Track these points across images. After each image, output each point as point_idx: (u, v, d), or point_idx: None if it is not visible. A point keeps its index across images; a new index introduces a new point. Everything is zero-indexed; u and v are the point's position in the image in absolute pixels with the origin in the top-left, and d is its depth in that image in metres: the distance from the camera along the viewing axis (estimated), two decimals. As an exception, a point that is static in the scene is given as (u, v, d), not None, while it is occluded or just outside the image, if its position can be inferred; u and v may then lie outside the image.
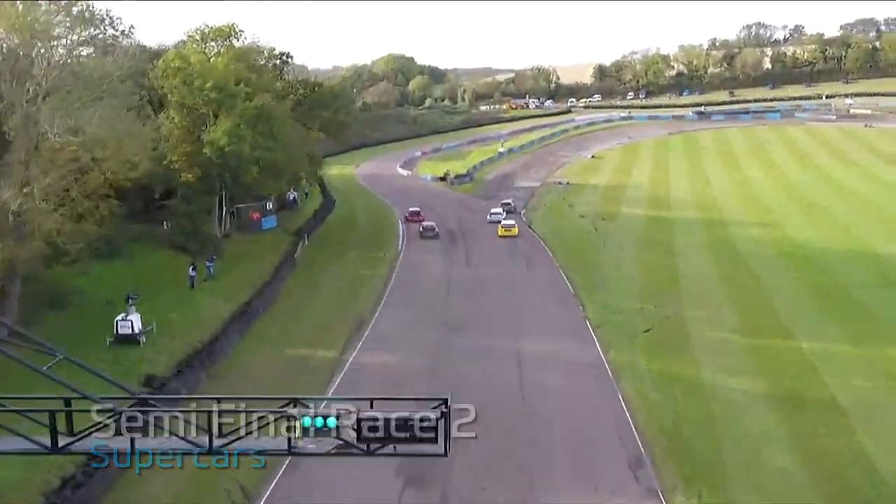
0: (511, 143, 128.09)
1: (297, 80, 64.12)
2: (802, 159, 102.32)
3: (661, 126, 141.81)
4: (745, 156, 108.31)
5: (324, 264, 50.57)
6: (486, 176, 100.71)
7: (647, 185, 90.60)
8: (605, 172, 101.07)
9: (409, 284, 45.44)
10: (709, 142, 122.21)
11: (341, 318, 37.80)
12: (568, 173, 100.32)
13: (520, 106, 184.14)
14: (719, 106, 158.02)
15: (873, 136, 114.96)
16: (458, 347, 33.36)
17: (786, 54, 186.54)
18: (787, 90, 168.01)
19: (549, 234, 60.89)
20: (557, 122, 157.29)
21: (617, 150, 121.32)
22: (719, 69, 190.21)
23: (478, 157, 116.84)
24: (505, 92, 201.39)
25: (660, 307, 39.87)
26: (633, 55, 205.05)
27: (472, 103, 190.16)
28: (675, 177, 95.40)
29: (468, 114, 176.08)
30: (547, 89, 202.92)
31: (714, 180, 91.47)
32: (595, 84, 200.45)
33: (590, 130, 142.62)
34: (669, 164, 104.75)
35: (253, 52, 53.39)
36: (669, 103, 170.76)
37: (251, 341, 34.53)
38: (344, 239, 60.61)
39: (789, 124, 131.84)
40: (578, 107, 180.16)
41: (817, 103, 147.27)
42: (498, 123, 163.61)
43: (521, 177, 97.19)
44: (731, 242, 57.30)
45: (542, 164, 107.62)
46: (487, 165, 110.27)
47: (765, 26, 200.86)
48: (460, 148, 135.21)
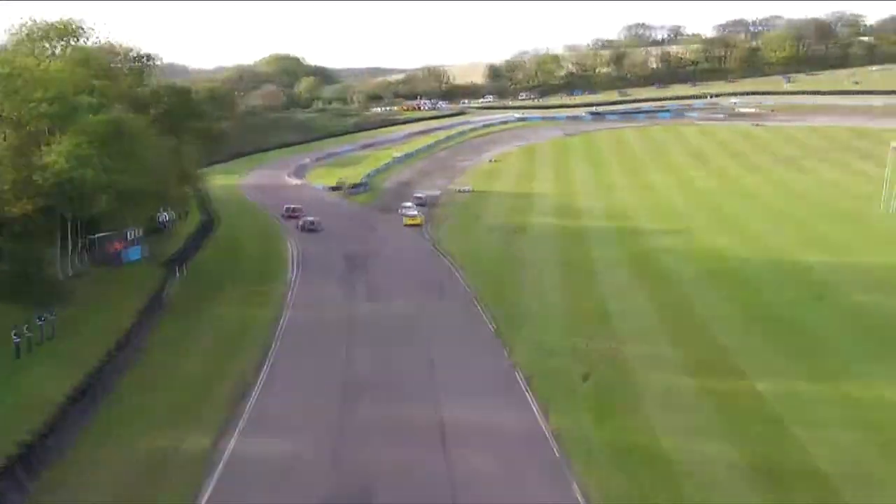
0: (407, 148, 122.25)
1: (163, 86, 55.11)
2: (701, 161, 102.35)
3: (557, 127, 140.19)
4: (644, 158, 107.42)
5: (200, 305, 42.64)
6: (383, 184, 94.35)
7: (553, 191, 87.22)
8: (507, 178, 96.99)
9: (302, 329, 38.39)
10: (607, 143, 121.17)
11: (218, 385, 30.42)
12: (469, 179, 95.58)
13: (413, 107, 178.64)
14: (612, 106, 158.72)
15: (764, 136, 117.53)
16: (365, 421, 26.87)
17: (670, 54, 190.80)
18: (675, 89, 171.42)
19: (459, 253, 55.36)
20: (452, 123, 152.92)
21: (516, 152, 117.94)
22: (608, 69, 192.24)
23: (373, 163, 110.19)
24: (397, 93, 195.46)
25: (593, 342, 35.07)
26: (523, 55, 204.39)
27: (364, 105, 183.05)
28: (580, 182, 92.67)
29: (360, 116, 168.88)
30: (439, 90, 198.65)
31: (618, 185, 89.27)
32: (488, 84, 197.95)
33: (486, 132, 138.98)
34: (571, 168, 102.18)
35: (104, 53, 44.39)
36: (563, 103, 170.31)
37: (98, 429, 26.61)
38: (226, 268, 52.60)
39: (681, 124, 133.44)
40: (472, 108, 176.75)
41: (705, 102, 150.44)
42: (391, 126, 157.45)
43: (421, 185, 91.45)
44: (650, 256, 53.84)
45: (441, 170, 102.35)
46: (384, 172, 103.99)
47: (646, 27, 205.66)
48: (354, 153, 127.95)
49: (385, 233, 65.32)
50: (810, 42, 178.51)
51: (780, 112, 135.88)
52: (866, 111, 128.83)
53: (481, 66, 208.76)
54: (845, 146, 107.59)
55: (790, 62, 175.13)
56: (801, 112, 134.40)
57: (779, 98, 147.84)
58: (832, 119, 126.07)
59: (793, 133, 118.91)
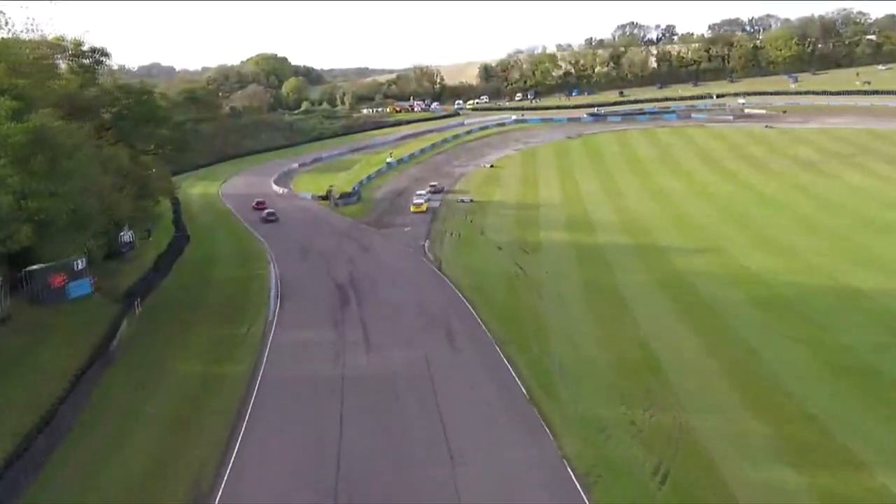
0: (400, 152, 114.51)
1: (117, 87, 46.75)
2: (715, 165, 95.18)
3: (558, 129, 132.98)
4: (653, 162, 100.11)
5: (156, 356, 34.81)
6: (375, 193, 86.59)
7: (560, 200, 79.77)
8: (510, 185, 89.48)
9: (282, 391, 30.59)
10: (611, 146, 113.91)
11: (169, 487, 22.71)
12: (468, 187, 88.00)
13: (404, 109, 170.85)
14: (613, 107, 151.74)
15: (778, 139, 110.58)
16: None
17: (671, 53, 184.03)
18: (676, 89, 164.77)
19: (466, 279, 47.75)
20: (446, 126, 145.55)
21: (515, 157, 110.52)
22: (606, 68, 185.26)
23: (364, 169, 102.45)
24: (387, 94, 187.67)
25: (653, 413, 27.62)
26: (518, 54, 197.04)
27: (353, 107, 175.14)
28: (587, 189, 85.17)
29: (349, 118, 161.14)
30: (431, 91, 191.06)
31: (629, 192, 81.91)
32: (481, 85, 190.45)
33: (483, 135, 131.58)
34: (577, 174, 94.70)
35: (29, 47, 36.22)
36: (561, 104, 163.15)
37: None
38: (193, 302, 44.77)
39: (688, 126, 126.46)
40: (466, 109, 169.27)
41: (711, 103, 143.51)
42: (382, 129, 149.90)
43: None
44: (684, 281, 46.54)
45: (437, 177, 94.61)
46: (376, 179, 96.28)
47: (639, 26, 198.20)
48: (343, 157, 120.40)
49: (381, 253, 57.57)
50: (814, 40, 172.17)
51: (791, 113, 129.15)
52: (882, 112, 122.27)
53: (474, 66, 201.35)
54: (865, 149, 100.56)
55: (794, 61, 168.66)
56: (813, 113, 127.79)
57: (788, 98, 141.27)
58: (846, 120, 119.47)
59: (807, 135, 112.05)
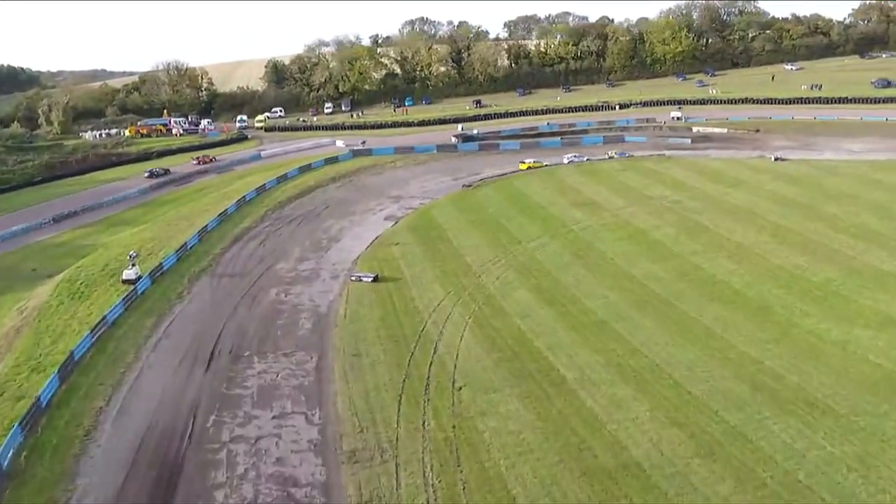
0: (150, 230, 54.97)
1: None
2: (787, 240, 48.65)
3: (431, 164, 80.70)
4: (651, 234, 51.52)
5: None
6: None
7: (536, 327, 27.93)
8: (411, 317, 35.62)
9: None
10: (550, 199, 63.93)
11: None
12: (337, 340, 32.75)
13: (155, 130, 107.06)
14: (477, 122, 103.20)
15: (835, 184, 66.03)
16: None
17: (529, 50, 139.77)
18: (543, 95, 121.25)
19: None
20: (231, 160, 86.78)
21: (402, 229, 56.76)
22: (445, 68, 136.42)
23: (66, 288, 42.13)
24: (126, 107, 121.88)
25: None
26: (322, 47, 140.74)
27: (67, 128, 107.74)
28: (563, 296, 34.17)
29: (58, 149, 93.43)
30: (196, 100, 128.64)
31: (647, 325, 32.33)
32: (271, 90, 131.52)
33: (307, 182, 75.01)
34: (531, 267, 43.49)
35: None
36: (399, 119, 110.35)
37: None
38: None
39: (647, 158, 78.34)
40: (256, 127, 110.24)
41: (634, 118, 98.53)
42: (117, 167, 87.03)
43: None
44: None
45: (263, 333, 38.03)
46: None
47: (429, 22, 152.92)
48: (29, 240, 57.87)
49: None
50: (705, 32, 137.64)
51: (768, 133, 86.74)
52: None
53: (257, 64, 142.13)
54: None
55: (686, 59, 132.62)
56: (805, 133, 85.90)
57: (716, 110, 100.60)
58: (873, 146, 78.67)
59: (845, 169, 68.93)
